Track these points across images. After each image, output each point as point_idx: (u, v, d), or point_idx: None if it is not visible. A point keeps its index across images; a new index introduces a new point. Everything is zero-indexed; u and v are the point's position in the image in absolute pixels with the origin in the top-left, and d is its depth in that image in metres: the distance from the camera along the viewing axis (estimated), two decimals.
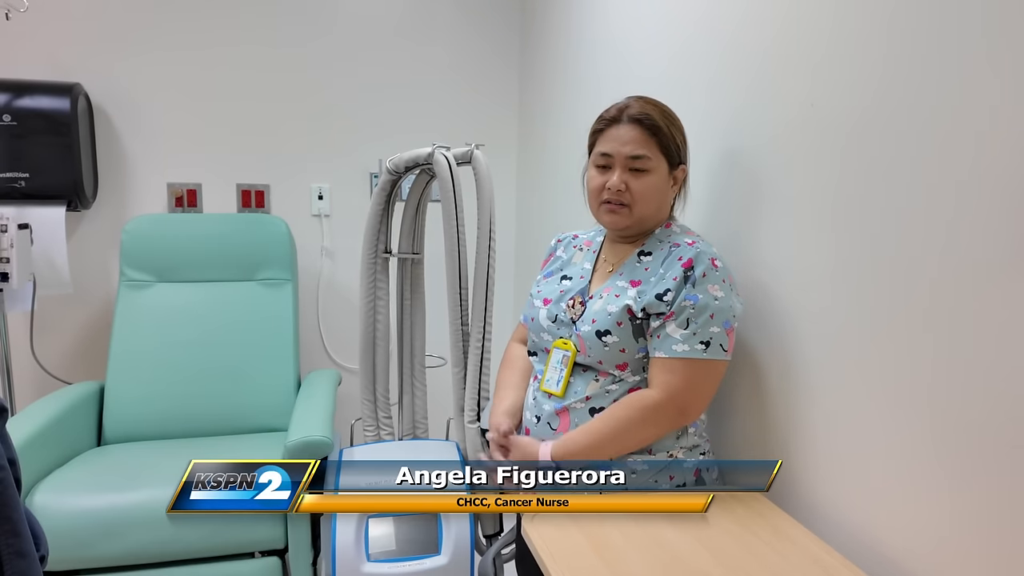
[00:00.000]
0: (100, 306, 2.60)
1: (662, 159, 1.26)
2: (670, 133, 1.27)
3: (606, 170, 1.28)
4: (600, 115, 1.31)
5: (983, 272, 0.85)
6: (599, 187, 1.29)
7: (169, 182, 2.63)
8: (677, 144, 1.29)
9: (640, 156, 1.25)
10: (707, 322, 1.18)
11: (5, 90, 2.29)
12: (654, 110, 1.27)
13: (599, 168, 1.29)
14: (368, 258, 2.04)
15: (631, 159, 1.25)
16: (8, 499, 0.64)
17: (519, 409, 1.39)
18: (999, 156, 0.82)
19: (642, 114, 1.25)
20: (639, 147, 1.25)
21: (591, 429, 1.22)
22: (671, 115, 1.29)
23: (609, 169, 1.28)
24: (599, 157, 1.29)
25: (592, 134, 1.33)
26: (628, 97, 1.30)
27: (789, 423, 1.22)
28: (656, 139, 1.25)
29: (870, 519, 1.04)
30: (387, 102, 2.80)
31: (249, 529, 1.82)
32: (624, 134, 1.25)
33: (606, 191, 1.27)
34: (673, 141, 1.27)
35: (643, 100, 1.29)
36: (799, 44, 1.19)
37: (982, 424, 0.85)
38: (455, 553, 1.63)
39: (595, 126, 1.32)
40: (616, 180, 1.25)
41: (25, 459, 1.75)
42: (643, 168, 1.25)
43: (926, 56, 0.93)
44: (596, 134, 1.32)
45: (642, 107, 1.26)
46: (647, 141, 1.25)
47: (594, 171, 1.31)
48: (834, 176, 1.10)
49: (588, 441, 1.21)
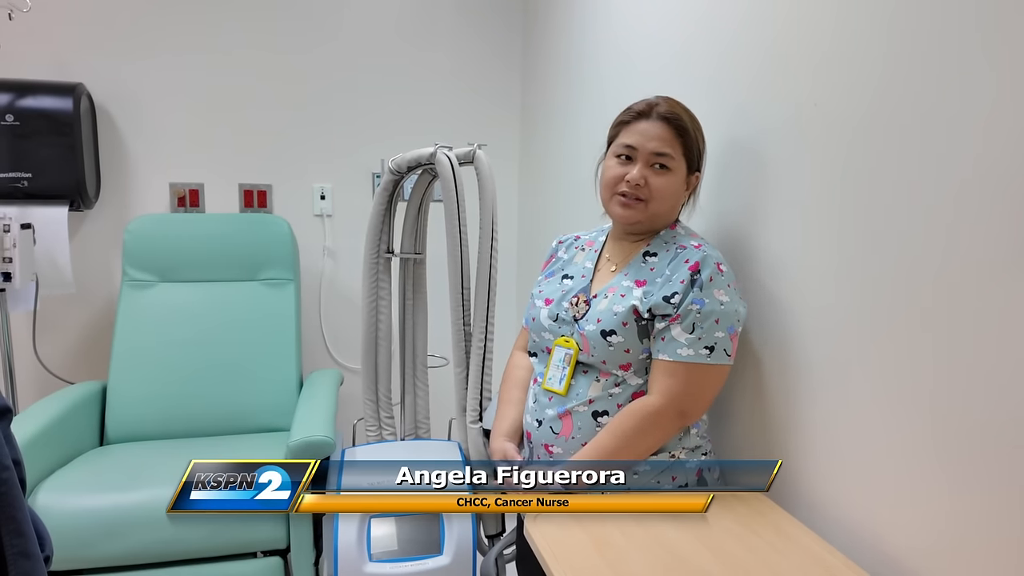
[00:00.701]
0: (102, 306, 2.61)
1: (683, 161, 1.27)
2: (695, 137, 1.27)
3: (627, 162, 1.27)
4: (628, 107, 1.31)
5: (985, 271, 0.84)
6: (616, 178, 1.28)
7: (171, 182, 2.63)
8: (699, 150, 1.29)
9: (664, 154, 1.25)
10: (712, 327, 1.17)
11: (8, 90, 2.30)
12: (683, 112, 1.27)
13: (619, 159, 1.28)
14: (370, 258, 2.05)
15: (655, 155, 1.25)
16: (12, 499, 0.64)
17: (519, 427, 1.38)
18: (1003, 154, 0.82)
19: (671, 113, 1.25)
20: (665, 145, 1.24)
21: (598, 445, 1.21)
22: (697, 121, 1.29)
23: (630, 161, 1.27)
24: (622, 148, 1.28)
25: (616, 125, 1.32)
26: (657, 96, 1.30)
27: (790, 423, 1.21)
28: (682, 140, 1.25)
29: (871, 518, 1.03)
30: (389, 102, 2.80)
31: (251, 529, 1.82)
32: (651, 130, 1.25)
33: (624, 183, 1.26)
34: (696, 146, 1.28)
35: (673, 101, 1.29)
36: (801, 43, 1.19)
37: (983, 424, 0.85)
38: (457, 553, 1.63)
39: (621, 117, 1.31)
40: (636, 174, 1.25)
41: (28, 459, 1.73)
42: (665, 166, 1.25)
43: (928, 53, 0.92)
44: (621, 126, 1.31)
45: (672, 107, 1.27)
46: (673, 141, 1.25)
47: (613, 161, 1.29)
48: (836, 175, 1.10)
49: (598, 457, 1.20)
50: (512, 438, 1.38)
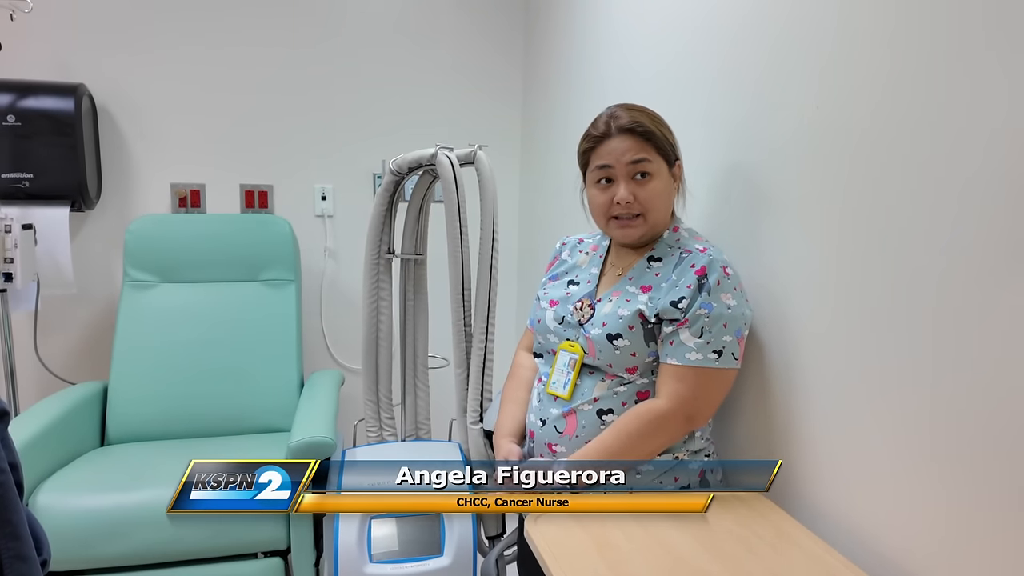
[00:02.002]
0: (104, 306, 2.61)
1: (661, 160, 1.25)
2: (662, 134, 1.25)
3: (608, 184, 1.25)
4: (586, 132, 1.28)
5: (986, 276, 0.84)
6: (606, 203, 1.25)
7: (173, 182, 2.64)
8: (670, 142, 1.27)
9: (641, 160, 1.22)
10: (720, 331, 1.17)
11: (9, 91, 2.30)
12: (642, 116, 1.25)
13: (599, 184, 1.26)
14: (371, 259, 2.05)
15: (633, 164, 1.22)
16: (9, 502, 0.64)
17: (521, 424, 1.38)
18: (1007, 163, 0.81)
19: (632, 123, 1.23)
20: (638, 152, 1.22)
21: (602, 443, 1.20)
22: (657, 116, 1.27)
23: (611, 183, 1.25)
24: (598, 171, 1.26)
25: (583, 153, 1.30)
26: (609, 107, 1.28)
27: (792, 425, 1.21)
28: (651, 143, 1.23)
29: (871, 519, 1.03)
30: (390, 103, 2.80)
31: (252, 530, 1.82)
32: (618, 146, 1.23)
33: (615, 206, 1.24)
34: (666, 141, 1.26)
35: (627, 108, 1.26)
36: (803, 46, 1.19)
37: (983, 427, 0.84)
38: (457, 554, 1.63)
39: (584, 145, 1.29)
40: (623, 192, 1.22)
41: (28, 459, 1.76)
42: (646, 171, 1.23)
43: (932, 58, 0.92)
44: (588, 152, 1.28)
45: (629, 115, 1.24)
46: (644, 146, 1.23)
47: (595, 190, 1.27)
48: (839, 180, 1.09)
49: (599, 455, 1.20)
50: (515, 438, 1.37)
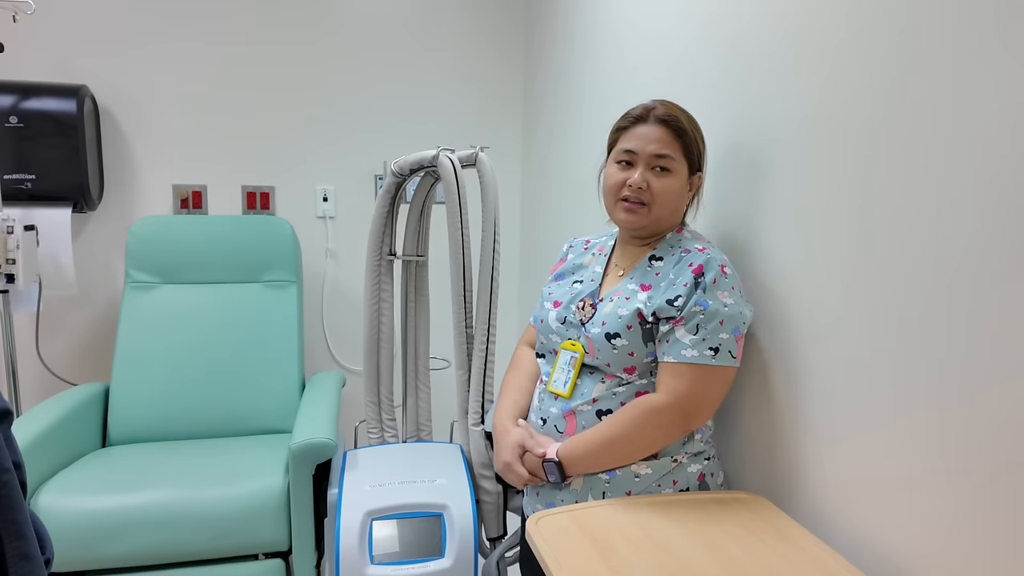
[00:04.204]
0: (105, 308, 2.62)
1: (684, 162, 1.27)
2: (694, 138, 1.28)
3: (627, 167, 1.28)
4: (625, 113, 1.31)
5: (992, 276, 0.84)
6: (619, 183, 1.28)
7: (175, 184, 2.64)
8: (699, 150, 1.30)
9: (664, 155, 1.25)
10: (717, 328, 1.17)
11: (12, 92, 2.30)
12: (681, 114, 1.28)
13: (620, 164, 1.29)
14: (372, 260, 2.05)
15: (655, 157, 1.25)
16: (13, 502, 0.64)
17: (522, 409, 1.39)
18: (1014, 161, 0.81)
19: (669, 115, 1.26)
20: (664, 147, 1.25)
21: (598, 431, 1.22)
22: (695, 121, 1.30)
23: (631, 166, 1.28)
24: (621, 153, 1.29)
25: (615, 131, 1.33)
26: (654, 100, 1.31)
27: (794, 428, 1.21)
28: (681, 141, 1.26)
29: (874, 523, 1.03)
30: (392, 104, 2.80)
31: (253, 531, 1.82)
32: (650, 133, 1.26)
33: (626, 188, 1.27)
34: (696, 146, 1.28)
35: (670, 103, 1.29)
36: (808, 45, 1.19)
37: (988, 430, 0.84)
38: (459, 556, 1.63)
39: (619, 123, 1.32)
40: (638, 177, 1.25)
41: (30, 460, 1.76)
42: (666, 167, 1.25)
43: (941, 54, 0.92)
44: (619, 131, 1.31)
45: (669, 109, 1.27)
46: (672, 142, 1.25)
47: (614, 167, 1.30)
48: (839, 179, 1.10)
49: (595, 442, 1.21)
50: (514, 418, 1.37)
